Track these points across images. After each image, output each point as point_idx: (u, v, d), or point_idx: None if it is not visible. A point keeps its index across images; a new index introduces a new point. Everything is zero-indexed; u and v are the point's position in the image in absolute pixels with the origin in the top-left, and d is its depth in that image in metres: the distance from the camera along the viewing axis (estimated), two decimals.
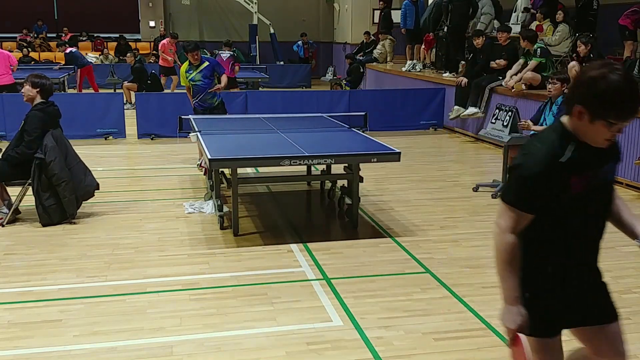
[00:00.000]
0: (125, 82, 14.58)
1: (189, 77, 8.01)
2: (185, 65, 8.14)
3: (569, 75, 8.38)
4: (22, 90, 5.94)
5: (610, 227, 5.98)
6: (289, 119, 7.72)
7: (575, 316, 2.46)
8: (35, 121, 5.77)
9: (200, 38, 22.72)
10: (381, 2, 17.53)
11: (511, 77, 9.83)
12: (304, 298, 4.34)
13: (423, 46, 14.03)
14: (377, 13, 18.16)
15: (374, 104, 11.34)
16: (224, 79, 8.18)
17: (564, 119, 2.29)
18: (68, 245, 5.41)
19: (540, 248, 2.33)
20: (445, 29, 12.50)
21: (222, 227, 5.84)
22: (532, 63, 9.43)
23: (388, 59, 16.27)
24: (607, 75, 2.11)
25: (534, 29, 11.47)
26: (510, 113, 6.89)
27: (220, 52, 13.37)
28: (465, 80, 10.65)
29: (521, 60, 9.78)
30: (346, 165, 6.11)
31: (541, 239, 2.32)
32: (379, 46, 16.48)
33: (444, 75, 12.58)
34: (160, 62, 15.46)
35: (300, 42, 20.81)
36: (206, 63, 8.05)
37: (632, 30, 10.02)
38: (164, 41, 15.54)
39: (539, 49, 9.38)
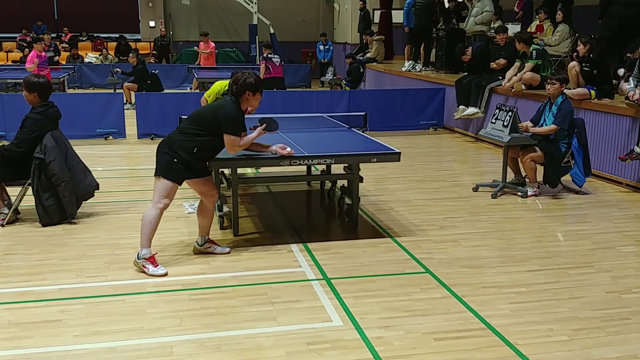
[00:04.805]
0: (126, 82, 14.58)
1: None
2: (224, 86, 7.45)
3: (568, 75, 8.41)
4: (23, 95, 5.93)
5: (609, 229, 5.96)
6: (289, 119, 7.72)
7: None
8: (31, 124, 5.76)
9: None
10: (360, 2, 17.61)
11: (509, 79, 9.85)
12: (304, 298, 4.34)
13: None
14: (377, 13, 18.20)
15: (374, 104, 11.34)
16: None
17: None
18: (68, 245, 5.41)
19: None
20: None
21: (222, 227, 5.84)
22: (529, 65, 9.45)
23: (378, 59, 16.39)
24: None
25: (534, 29, 11.51)
26: (510, 113, 6.89)
27: (270, 56, 13.31)
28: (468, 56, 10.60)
29: (517, 63, 9.79)
30: (346, 165, 6.11)
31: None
32: (370, 49, 16.61)
33: (417, 69, 13.73)
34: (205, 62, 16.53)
35: (321, 45, 19.77)
36: None
37: None
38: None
39: (534, 51, 9.39)
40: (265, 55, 13.52)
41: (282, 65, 13.71)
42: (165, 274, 4.70)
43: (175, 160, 4.72)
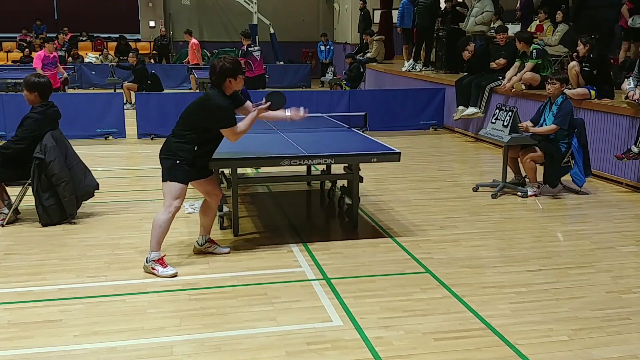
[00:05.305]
0: (126, 82, 14.58)
1: None
2: None
3: (568, 75, 8.41)
4: (23, 95, 5.93)
5: (609, 229, 5.97)
6: None
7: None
8: (30, 123, 5.76)
9: (200, 38, 22.68)
10: (360, 2, 17.64)
11: (509, 79, 9.84)
12: (304, 298, 4.34)
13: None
14: (377, 13, 18.21)
15: (374, 104, 11.34)
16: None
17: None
18: (68, 245, 5.41)
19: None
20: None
21: (222, 227, 5.84)
22: (529, 65, 9.44)
23: (378, 59, 16.41)
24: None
25: (534, 29, 11.51)
26: (510, 113, 6.89)
27: (251, 49, 12.53)
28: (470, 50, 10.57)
29: (517, 63, 9.79)
30: (346, 165, 6.11)
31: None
32: (370, 49, 16.63)
33: (417, 69, 13.71)
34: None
35: (322, 45, 19.73)
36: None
37: (627, 30, 10.06)
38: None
39: (534, 51, 9.39)
40: (245, 49, 12.60)
41: (263, 58, 12.98)
42: (175, 275, 4.70)
43: (178, 162, 4.70)
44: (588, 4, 9.79)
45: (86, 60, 19.93)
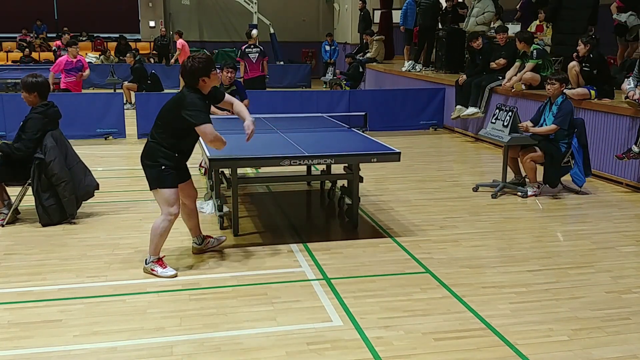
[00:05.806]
0: (125, 82, 14.58)
1: None
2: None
3: (568, 75, 8.41)
4: (22, 97, 5.92)
5: (609, 229, 5.98)
6: (289, 119, 7.72)
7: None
8: (35, 123, 5.76)
9: (200, 38, 22.76)
10: (360, 2, 17.67)
11: (509, 79, 9.84)
12: (304, 298, 4.34)
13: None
14: (377, 13, 18.21)
15: (374, 104, 11.34)
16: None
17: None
18: (68, 245, 5.41)
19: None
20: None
21: (222, 227, 5.84)
22: (529, 65, 9.44)
23: (378, 59, 16.42)
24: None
25: (534, 29, 11.51)
26: (510, 113, 6.89)
27: (247, 49, 12.46)
28: (464, 78, 10.63)
29: (517, 63, 9.79)
30: (346, 165, 6.11)
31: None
32: (370, 49, 16.64)
33: (417, 69, 13.75)
34: None
35: (327, 45, 19.54)
36: (233, 87, 7.75)
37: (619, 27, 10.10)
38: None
39: (535, 51, 9.39)
40: (243, 49, 12.51)
41: (262, 58, 12.61)
42: (175, 275, 4.69)
43: (163, 167, 4.63)
44: (563, 4, 9.82)
45: (86, 60, 19.89)
